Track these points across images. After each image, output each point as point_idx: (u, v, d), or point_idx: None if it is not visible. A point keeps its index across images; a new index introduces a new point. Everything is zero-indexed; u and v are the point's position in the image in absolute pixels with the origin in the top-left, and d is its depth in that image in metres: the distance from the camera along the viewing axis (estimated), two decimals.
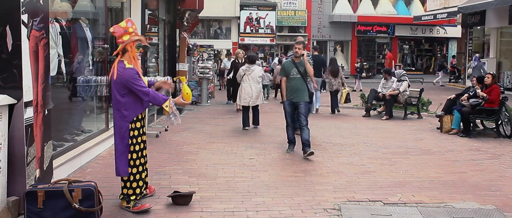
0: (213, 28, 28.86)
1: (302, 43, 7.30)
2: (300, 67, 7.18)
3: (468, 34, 21.14)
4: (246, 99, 9.53)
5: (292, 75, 7.23)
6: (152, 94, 4.51)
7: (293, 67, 7.24)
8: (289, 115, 7.33)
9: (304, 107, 7.15)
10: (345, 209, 4.72)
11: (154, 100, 4.52)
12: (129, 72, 4.42)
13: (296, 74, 7.20)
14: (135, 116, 4.53)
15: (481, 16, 19.08)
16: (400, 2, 29.56)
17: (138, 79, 4.44)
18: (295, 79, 7.21)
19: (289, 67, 7.29)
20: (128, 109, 4.48)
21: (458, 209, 4.79)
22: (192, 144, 7.96)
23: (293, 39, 27.81)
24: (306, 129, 7.03)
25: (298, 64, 7.22)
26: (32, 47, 4.28)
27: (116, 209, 4.60)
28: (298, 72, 7.19)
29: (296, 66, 7.22)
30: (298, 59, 7.26)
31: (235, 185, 5.52)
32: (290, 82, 7.26)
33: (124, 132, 4.51)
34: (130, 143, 4.54)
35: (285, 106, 7.35)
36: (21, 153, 4.17)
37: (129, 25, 4.58)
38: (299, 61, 7.23)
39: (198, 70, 14.58)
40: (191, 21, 16.22)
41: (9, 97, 4.06)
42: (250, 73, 9.61)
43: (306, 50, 7.36)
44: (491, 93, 9.02)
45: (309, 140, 6.99)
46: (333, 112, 12.40)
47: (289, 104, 7.30)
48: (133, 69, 4.46)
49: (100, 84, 7.46)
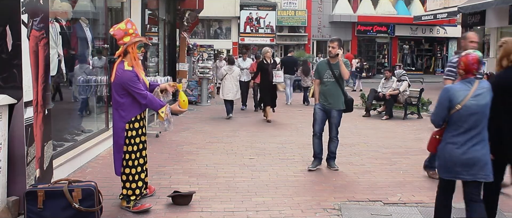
0: (213, 28, 28.86)
1: (338, 41, 6.22)
2: (335, 70, 6.14)
3: None
4: (229, 95, 11.30)
5: (326, 79, 6.22)
6: (150, 98, 4.50)
7: (327, 69, 6.22)
8: (319, 123, 6.29)
9: (337, 116, 6.22)
10: (345, 209, 4.72)
11: (151, 104, 4.51)
12: (128, 75, 4.42)
13: (330, 77, 6.19)
14: (132, 117, 4.53)
15: (481, 16, 19.07)
16: (400, 2, 29.57)
17: (136, 82, 4.44)
18: (330, 83, 6.20)
19: (323, 69, 6.28)
20: (125, 109, 4.48)
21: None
22: (192, 144, 7.96)
23: (294, 39, 28.09)
24: (336, 140, 6.30)
25: (333, 65, 6.17)
26: (32, 47, 4.28)
27: (116, 209, 4.61)
28: (332, 75, 6.17)
29: (330, 68, 6.19)
30: (333, 60, 6.19)
31: (235, 185, 5.53)
32: (323, 86, 6.27)
33: (120, 132, 4.51)
34: (127, 143, 4.53)
35: (316, 111, 6.31)
36: (21, 153, 4.17)
37: (129, 26, 4.57)
38: (334, 62, 6.18)
39: (198, 70, 14.59)
40: (191, 21, 16.23)
41: (9, 97, 4.06)
42: (231, 73, 11.46)
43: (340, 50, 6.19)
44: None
45: (335, 152, 6.37)
46: (304, 103, 14.54)
47: (321, 109, 6.27)
48: (132, 71, 4.45)
49: (100, 84, 7.46)
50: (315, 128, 6.32)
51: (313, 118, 6.36)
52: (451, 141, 3.73)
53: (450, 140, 3.73)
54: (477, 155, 3.67)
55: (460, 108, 3.66)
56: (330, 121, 6.27)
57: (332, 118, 6.23)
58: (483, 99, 3.69)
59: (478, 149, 3.68)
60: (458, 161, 3.69)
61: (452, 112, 3.70)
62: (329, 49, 6.22)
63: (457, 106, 3.67)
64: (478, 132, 3.69)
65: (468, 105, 3.64)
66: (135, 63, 4.53)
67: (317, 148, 6.33)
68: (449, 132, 3.76)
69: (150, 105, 4.53)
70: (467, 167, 3.69)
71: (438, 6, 22.37)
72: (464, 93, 3.67)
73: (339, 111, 6.24)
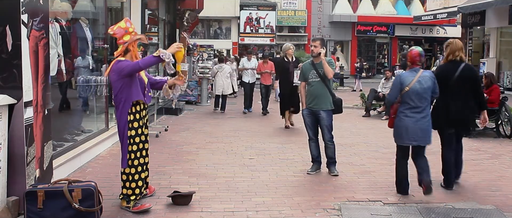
0: (213, 28, 28.86)
1: (320, 40, 6.19)
2: (320, 69, 6.06)
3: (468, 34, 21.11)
4: (219, 90, 12.51)
5: (311, 79, 6.13)
6: (143, 60, 4.50)
7: (311, 69, 6.15)
8: (310, 127, 6.18)
9: (326, 118, 6.04)
10: (345, 209, 4.72)
11: (148, 62, 4.49)
12: (123, 62, 4.47)
13: (315, 77, 6.10)
14: (134, 100, 4.51)
15: (481, 16, 19.05)
16: (400, 2, 29.57)
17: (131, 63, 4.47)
18: (315, 83, 6.09)
19: (307, 70, 6.20)
20: (126, 100, 4.48)
21: (458, 209, 4.79)
22: (192, 144, 7.96)
23: (294, 39, 28.10)
24: (331, 144, 6.09)
25: (317, 65, 6.12)
26: (32, 47, 4.28)
27: (116, 209, 4.60)
28: (317, 75, 6.08)
29: (315, 68, 6.12)
30: (317, 60, 6.13)
31: (235, 185, 5.52)
32: (309, 87, 6.18)
33: (123, 125, 4.52)
34: (129, 136, 4.53)
35: (304, 116, 6.24)
36: (21, 153, 4.17)
37: (128, 25, 4.59)
38: (318, 62, 6.12)
39: (198, 70, 14.60)
40: (191, 21, 16.25)
41: (9, 97, 4.06)
42: (221, 71, 12.63)
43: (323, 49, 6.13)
44: (491, 94, 9.02)
45: (334, 157, 6.14)
46: None
47: (308, 113, 6.16)
48: (127, 60, 4.51)
49: (100, 84, 7.46)
50: (308, 133, 6.23)
51: (304, 123, 6.30)
52: (403, 115, 4.98)
53: (403, 115, 4.99)
54: (422, 126, 4.94)
55: (408, 89, 4.92)
56: (320, 123, 6.10)
57: (321, 120, 6.06)
58: (425, 83, 4.93)
59: (424, 121, 4.95)
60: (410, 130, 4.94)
61: (402, 92, 4.96)
62: (311, 48, 6.22)
63: (406, 88, 4.93)
64: (423, 108, 4.95)
65: (414, 87, 4.91)
66: None
67: (315, 151, 6.21)
68: (401, 107, 5.02)
69: (148, 63, 4.50)
70: (415, 135, 4.95)
71: (438, 6, 22.33)
72: (411, 78, 4.95)
73: (327, 112, 6.06)
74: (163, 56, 4.43)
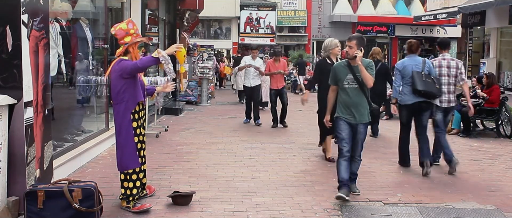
0: (213, 28, 28.85)
1: (356, 39, 5.02)
2: (358, 74, 4.96)
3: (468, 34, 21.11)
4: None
5: (347, 85, 5.03)
6: (142, 60, 4.50)
7: (347, 72, 5.04)
8: (347, 141, 5.01)
9: (364, 132, 5.11)
10: (345, 209, 4.72)
11: (146, 62, 4.49)
12: (125, 62, 4.48)
13: (352, 83, 5.01)
14: (136, 103, 4.53)
15: (481, 16, 19.04)
16: (400, 2, 29.57)
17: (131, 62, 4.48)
18: (351, 90, 5.01)
19: (342, 72, 5.08)
20: (128, 100, 4.49)
21: (458, 209, 4.79)
22: (192, 144, 7.96)
23: (294, 39, 28.07)
24: (359, 159, 5.20)
25: (355, 68, 5.00)
26: (32, 47, 4.28)
27: (116, 209, 4.60)
28: (355, 81, 4.99)
29: (352, 72, 5.01)
30: (354, 62, 5.01)
31: (235, 185, 5.52)
32: (344, 94, 5.07)
33: (127, 124, 4.51)
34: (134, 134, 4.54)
35: (340, 125, 5.07)
36: (21, 153, 4.17)
37: (130, 26, 4.59)
38: (355, 65, 5.00)
39: (198, 70, 14.60)
40: (191, 21, 16.25)
41: (9, 97, 4.06)
42: None
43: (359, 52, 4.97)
44: (491, 94, 9.03)
45: (357, 173, 5.29)
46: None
47: (346, 125, 5.05)
48: (129, 60, 4.52)
49: (100, 84, 7.47)
50: (343, 148, 4.99)
51: (337, 134, 5.14)
52: None
53: None
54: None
55: None
56: (356, 137, 5.07)
57: (358, 134, 5.05)
58: None
59: None
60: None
61: None
62: (346, 49, 5.09)
63: None
64: None
65: None
66: None
67: (345, 174, 4.97)
68: None
69: (146, 63, 4.50)
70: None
71: (438, 6, 22.33)
72: None
73: (365, 125, 5.11)
74: (162, 60, 4.46)
